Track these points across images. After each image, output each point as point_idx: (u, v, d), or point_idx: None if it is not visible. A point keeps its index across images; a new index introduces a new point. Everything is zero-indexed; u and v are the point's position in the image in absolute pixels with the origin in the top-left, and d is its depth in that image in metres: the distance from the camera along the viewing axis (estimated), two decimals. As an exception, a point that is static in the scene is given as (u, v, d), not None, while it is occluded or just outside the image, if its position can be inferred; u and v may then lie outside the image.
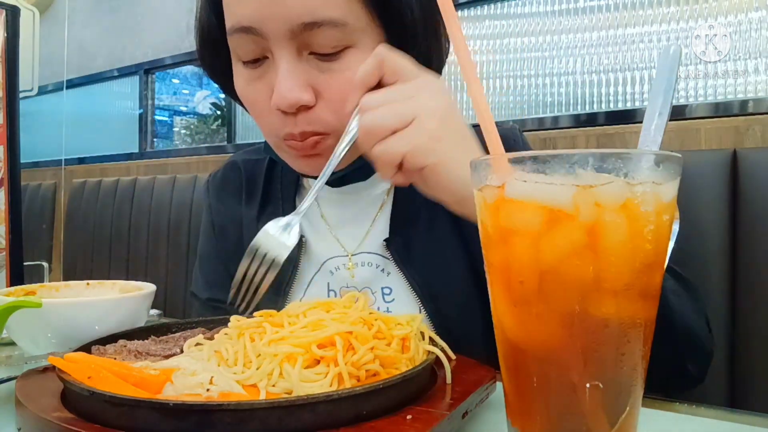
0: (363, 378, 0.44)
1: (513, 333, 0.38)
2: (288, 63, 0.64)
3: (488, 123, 0.40)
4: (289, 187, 0.84)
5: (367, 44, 0.66)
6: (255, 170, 0.89)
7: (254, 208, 0.86)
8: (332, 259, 0.79)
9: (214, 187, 0.93)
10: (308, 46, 0.64)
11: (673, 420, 0.49)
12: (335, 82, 0.65)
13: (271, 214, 0.83)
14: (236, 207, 0.88)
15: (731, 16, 1.63)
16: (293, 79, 0.64)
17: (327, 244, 0.80)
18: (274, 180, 0.87)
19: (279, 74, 0.64)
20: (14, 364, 0.57)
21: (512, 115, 2.04)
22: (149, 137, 3.41)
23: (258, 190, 0.87)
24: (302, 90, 0.64)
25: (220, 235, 0.90)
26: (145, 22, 3.26)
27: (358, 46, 0.65)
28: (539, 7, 1.98)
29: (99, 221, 2.31)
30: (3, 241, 0.99)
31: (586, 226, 0.34)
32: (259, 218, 0.84)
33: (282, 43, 0.63)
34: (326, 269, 0.79)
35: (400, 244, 0.75)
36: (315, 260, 0.80)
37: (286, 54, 0.64)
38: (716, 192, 1.01)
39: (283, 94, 0.63)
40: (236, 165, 0.91)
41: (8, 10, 1.03)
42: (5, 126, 1.00)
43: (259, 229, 0.84)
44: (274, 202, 0.85)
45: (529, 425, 0.38)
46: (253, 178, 0.88)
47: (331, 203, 0.82)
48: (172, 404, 0.38)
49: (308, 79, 0.65)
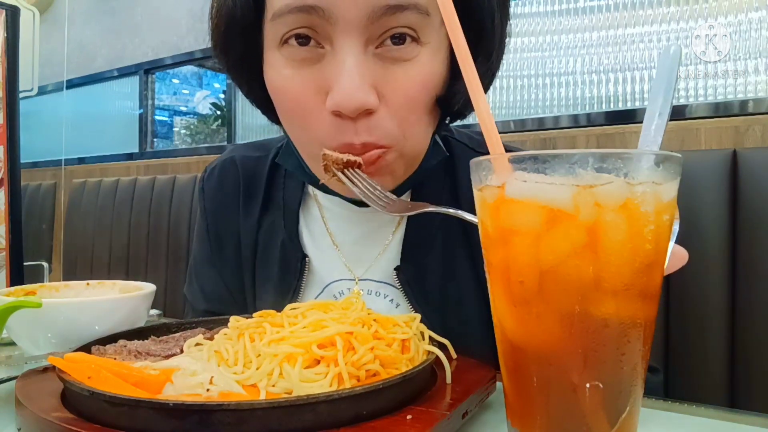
0: (363, 378, 0.44)
1: (513, 333, 0.38)
2: (355, 57, 0.54)
3: (488, 123, 0.40)
4: (293, 195, 0.76)
5: (437, 45, 0.58)
6: (256, 171, 0.79)
7: (253, 215, 0.77)
8: (337, 282, 0.73)
9: (209, 188, 0.83)
10: (378, 38, 0.55)
11: (673, 420, 0.49)
12: (402, 83, 0.56)
13: (272, 224, 0.77)
14: (234, 213, 0.79)
15: (731, 16, 1.63)
16: (360, 76, 0.54)
17: (332, 265, 0.73)
18: (277, 184, 0.78)
19: (344, 70, 0.54)
20: (14, 364, 0.57)
21: (512, 115, 2.04)
22: (149, 137, 3.41)
23: (258, 195, 0.78)
24: (369, 90, 0.55)
25: (216, 243, 0.81)
26: (145, 22, 3.26)
27: (429, 46, 0.57)
28: (539, 7, 1.98)
29: (99, 221, 2.31)
30: (3, 241, 0.98)
31: (586, 226, 0.34)
32: (259, 228, 0.77)
33: (352, 32, 0.54)
34: (330, 292, 0.73)
35: (412, 274, 0.68)
36: (318, 281, 0.73)
37: (353, 45, 0.54)
38: (716, 192, 1.01)
39: (350, 92, 0.54)
40: (234, 163, 0.81)
41: (8, 10, 1.03)
42: (5, 126, 1.00)
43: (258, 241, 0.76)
44: (275, 210, 0.77)
45: (529, 425, 0.38)
46: (252, 180, 0.79)
47: (341, 219, 0.74)
48: (172, 404, 0.38)
49: (373, 78, 0.55)
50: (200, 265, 0.84)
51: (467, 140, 0.75)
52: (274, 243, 0.76)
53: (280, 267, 0.75)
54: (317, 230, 0.75)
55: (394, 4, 0.53)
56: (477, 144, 0.75)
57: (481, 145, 0.74)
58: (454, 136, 0.75)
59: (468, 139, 0.76)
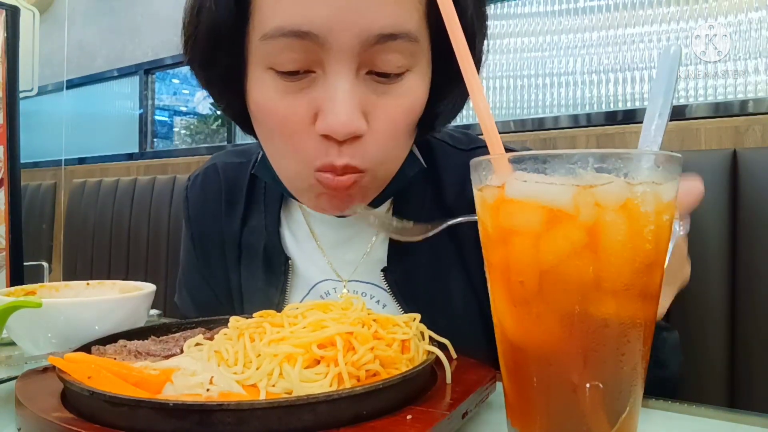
0: (363, 378, 0.44)
1: (513, 333, 0.38)
2: (348, 83, 0.54)
3: (488, 123, 0.40)
4: (274, 201, 0.76)
5: (422, 67, 0.59)
6: (237, 177, 0.79)
7: (236, 219, 0.78)
8: (323, 283, 0.73)
9: (192, 196, 0.83)
10: (370, 63, 0.55)
11: (673, 420, 0.49)
12: (390, 109, 0.57)
13: (254, 229, 0.77)
14: (216, 220, 0.80)
15: (731, 16, 1.63)
16: (352, 102, 0.54)
17: (317, 267, 0.74)
18: (257, 190, 0.78)
19: (337, 96, 0.54)
20: (14, 364, 0.57)
21: (512, 115, 2.05)
22: (149, 137, 3.41)
23: (240, 199, 0.78)
24: (360, 116, 0.55)
25: (201, 253, 0.82)
26: (145, 22, 3.26)
27: (416, 70, 0.58)
28: (539, 7, 1.98)
29: (99, 221, 2.31)
30: (3, 241, 0.98)
31: (586, 226, 0.34)
32: (242, 233, 0.77)
33: (344, 58, 0.54)
34: (316, 293, 0.73)
35: (400, 274, 0.69)
36: (303, 283, 0.74)
37: (346, 71, 0.54)
38: (716, 192, 1.01)
39: (343, 120, 0.54)
40: (215, 170, 0.82)
41: (8, 10, 1.03)
42: (5, 126, 1.00)
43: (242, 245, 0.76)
44: (256, 216, 0.77)
45: (529, 425, 0.38)
46: (234, 185, 0.79)
47: (324, 222, 0.74)
48: (172, 404, 0.38)
49: (363, 104, 0.56)
50: (187, 273, 0.85)
51: (448, 138, 0.76)
52: (257, 246, 0.76)
53: (265, 270, 0.75)
54: (301, 233, 0.75)
55: (387, 33, 0.54)
56: (458, 141, 0.75)
57: (461, 141, 0.75)
58: (435, 136, 0.75)
59: (449, 137, 0.76)
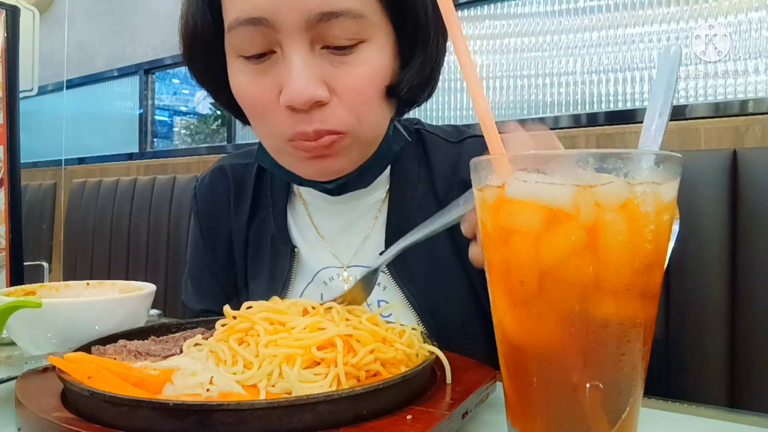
0: (363, 378, 0.44)
1: (513, 333, 0.38)
2: (301, 57, 0.60)
3: (488, 123, 0.40)
4: (280, 195, 0.82)
5: (380, 40, 0.64)
6: (244, 176, 0.85)
7: (243, 216, 0.83)
8: (325, 270, 0.77)
9: (201, 195, 0.89)
10: (322, 39, 0.61)
11: (673, 420, 0.49)
12: (350, 76, 0.62)
13: (262, 222, 0.82)
14: (225, 216, 0.85)
15: (731, 16, 1.63)
16: (307, 73, 0.60)
17: (319, 255, 0.78)
18: (264, 186, 0.84)
19: (292, 69, 0.60)
20: (14, 364, 0.57)
21: (512, 115, 2.05)
22: (149, 137, 3.41)
23: (247, 197, 0.83)
24: (317, 85, 0.61)
25: (209, 245, 0.87)
26: (145, 22, 3.26)
27: (372, 41, 0.63)
28: (539, 7, 1.98)
29: (99, 221, 2.31)
30: (3, 241, 0.98)
31: (586, 226, 0.34)
32: (249, 227, 0.82)
33: (295, 36, 0.60)
34: (319, 279, 0.77)
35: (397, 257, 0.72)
36: (307, 271, 0.78)
37: (299, 47, 0.60)
38: (716, 192, 1.01)
39: (298, 89, 0.60)
40: (223, 170, 0.88)
41: (8, 10, 1.03)
42: (5, 126, 1.00)
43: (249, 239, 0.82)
44: (264, 210, 0.82)
45: (529, 425, 0.38)
46: (241, 184, 0.85)
47: (324, 212, 0.79)
48: (172, 404, 0.38)
49: (322, 74, 0.61)
50: (196, 268, 0.89)
51: (440, 132, 0.81)
52: (264, 239, 0.82)
53: (271, 260, 0.80)
54: (303, 224, 0.80)
55: (327, 11, 0.59)
56: (448, 134, 0.80)
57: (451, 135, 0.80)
58: (426, 129, 0.81)
59: (440, 131, 0.81)
